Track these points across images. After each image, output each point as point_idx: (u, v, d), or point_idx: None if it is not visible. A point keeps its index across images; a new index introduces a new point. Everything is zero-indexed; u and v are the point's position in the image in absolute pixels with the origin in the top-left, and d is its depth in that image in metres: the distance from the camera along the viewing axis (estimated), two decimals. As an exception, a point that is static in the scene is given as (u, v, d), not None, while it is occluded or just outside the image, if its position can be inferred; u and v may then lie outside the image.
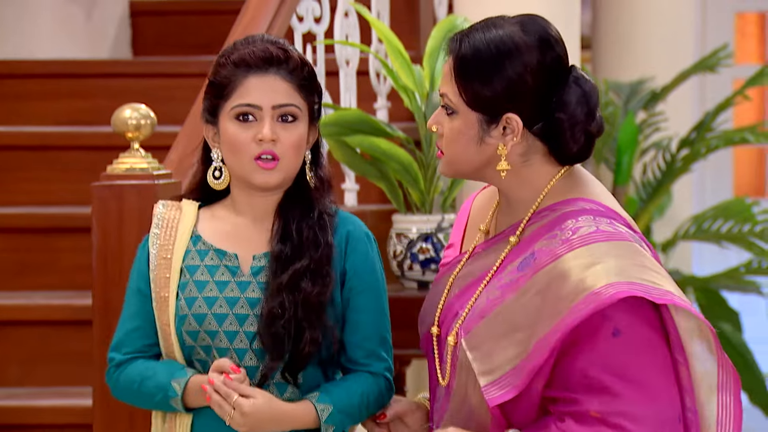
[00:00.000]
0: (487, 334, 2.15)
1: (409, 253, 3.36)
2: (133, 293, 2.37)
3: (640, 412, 2.09)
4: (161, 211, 2.38)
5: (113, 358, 2.37)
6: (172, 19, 5.09)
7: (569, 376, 2.11)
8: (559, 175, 2.21)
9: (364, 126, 3.31)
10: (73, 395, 3.48)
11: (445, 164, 2.23)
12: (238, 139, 2.30)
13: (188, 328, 2.32)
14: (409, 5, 4.26)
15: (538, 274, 2.13)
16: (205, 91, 2.37)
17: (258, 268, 2.34)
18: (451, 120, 2.19)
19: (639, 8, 5.55)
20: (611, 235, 2.14)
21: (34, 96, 4.41)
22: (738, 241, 4.90)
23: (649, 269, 2.12)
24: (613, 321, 2.10)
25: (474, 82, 2.16)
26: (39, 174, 4.12)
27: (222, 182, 2.35)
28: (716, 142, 4.93)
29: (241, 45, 2.35)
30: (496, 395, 2.12)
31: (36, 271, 3.86)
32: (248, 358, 2.31)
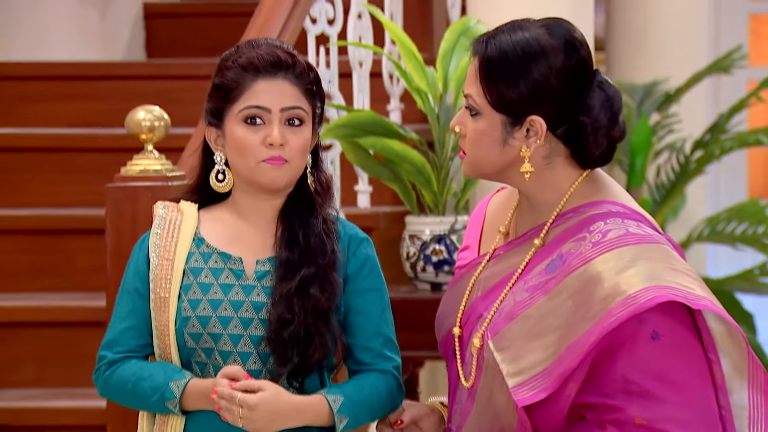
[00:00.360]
0: (515, 336, 2.15)
1: (423, 254, 3.36)
2: (128, 292, 2.37)
3: (686, 416, 2.09)
4: (162, 213, 2.38)
5: (104, 356, 2.36)
6: (186, 21, 5.10)
7: (608, 381, 2.10)
8: (581, 178, 2.21)
9: (377, 127, 3.31)
10: (87, 396, 3.48)
11: (468, 165, 2.23)
12: (246, 142, 2.31)
13: (191, 330, 2.32)
14: (423, 7, 4.26)
15: (569, 278, 2.13)
16: (210, 94, 2.37)
17: (263, 272, 2.34)
18: (475, 121, 2.20)
19: (652, 10, 5.54)
20: (642, 238, 2.14)
21: (48, 98, 4.42)
22: (752, 242, 4.89)
23: (681, 272, 2.12)
24: (650, 325, 2.10)
25: (499, 83, 2.16)
26: (52, 176, 4.13)
27: (226, 185, 2.36)
28: (730, 143, 4.91)
29: (246, 48, 2.35)
30: (526, 396, 2.11)
31: (49, 272, 3.87)
32: (252, 362, 2.31)
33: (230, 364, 2.31)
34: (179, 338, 2.33)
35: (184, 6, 5.23)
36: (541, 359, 2.11)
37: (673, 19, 5.52)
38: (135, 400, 2.33)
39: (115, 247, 2.84)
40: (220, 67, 2.35)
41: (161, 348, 2.34)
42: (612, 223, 2.15)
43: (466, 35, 3.36)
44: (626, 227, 2.15)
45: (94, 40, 4.99)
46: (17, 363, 3.66)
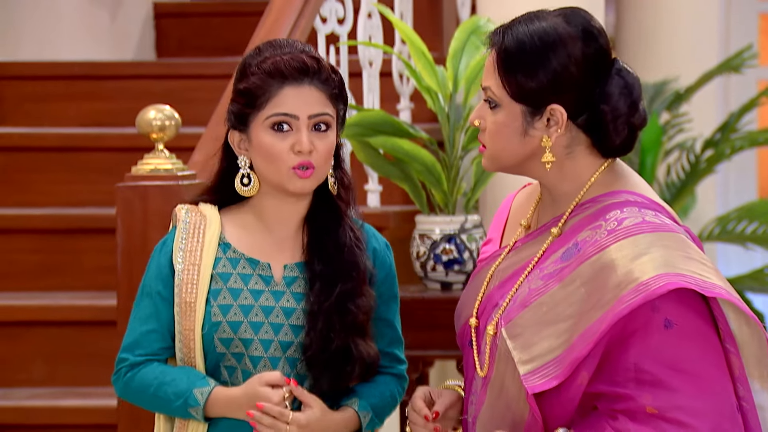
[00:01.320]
0: (528, 323, 2.14)
1: (433, 254, 3.35)
2: (149, 295, 2.36)
3: (699, 406, 2.07)
4: (185, 216, 2.37)
5: (126, 358, 2.35)
6: (196, 20, 5.10)
7: (619, 370, 2.09)
8: (602, 168, 2.20)
9: (387, 127, 3.31)
10: (98, 395, 3.49)
11: (488, 158, 2.22)
12: (275, 149, 2.30)
13: (222, 335, 2.31)
14: (432, 6, 4.26)
15: (583, 265, 2.12)
16: (234, 98, 2.35)
17: (291, 278, 2.34)
18: (495, 113, 2.19)
19: (663, 9, 5.53)
20: (658, 227, 2.13)
21: (57, 97, 4.42)
22: (762, 242, 4.87)
23: (696, 261, 2.11)
24: (663, 313, 2.08)
25: (518, 73, 2.16)
26: (62, 175, 4.13)
27: (252, 189, 2.35)
28: (741, 143, 4.90)
29: (270, 52, 2.33)
30: (537, 383, 2.10)
31: (59, 271, 3.87)
32: (281, 367, 2.32)
33: (260, 369, 2.31)
34: (207, 343, 2.32)
35: (194, 6, 5.23)
36: (553, 347, 2.11)
37: (683, 19, 5.51)
38: (156, 403, 2.33)
39: (125, 246, 2.85)
40: (244, 72, 2.34)
41: (184, 352, 2.33)
42: (628, 212, 2.15)
43: (476, 34, 3.35)
44: (643, 216, 2.14)
45: (104, 39, 4.99)
46: (27, 362, 3.66)
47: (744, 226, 4.93)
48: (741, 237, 4.92)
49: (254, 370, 2.31)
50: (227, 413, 2.29)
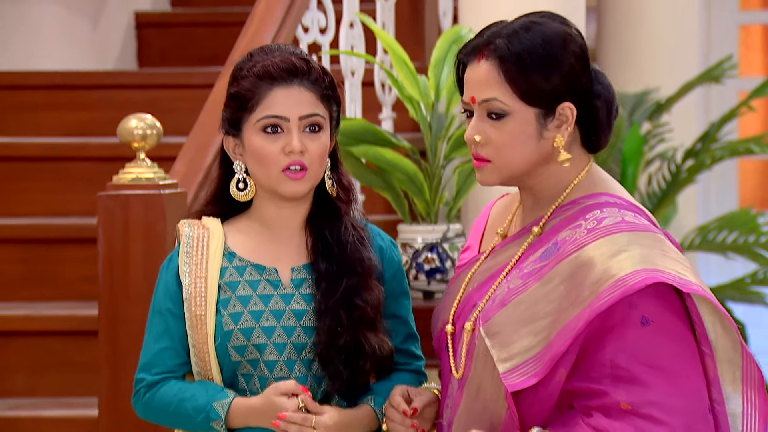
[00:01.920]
0: (506, 322, 2.15)
1: (415, 263, 3.36)
2: (159, 313, 2.35)
3: (672, 403, 2.08)
4: (188, 231, 2.36)
5: (143, 378, 2.35)
6: (178, 30, 5.10)
7: (595, 366, 2.10)
8: (586, 169, 2.23)
9: (369, 136, 3.32)
10: (79, 406, 3.48)
11: (494, 171, 2.20)
12: (266, 152, 2.31)
13: (235, 343, 2.32)
14: (414, 16, 4.27)
15: (562, 263, 2.14)
16: (226, 104, 2.36)
17: (299, 280, 2.35)
18: (503, 124, 2.18)
19: (643, 21, 5.56)
20: (636, 227, 2.15)
21: (40, 107, 4.42)
22: (743, 251, 4.89)
23: (674, 260, 2.12)
24: (640, 309, 2.09)
25: (532, 75, 2.16)
26: (44, 185, 4.12)
27: (248, 194, 2.35)
28: (721, 152, 4.92)
29: (260, 56, 2.34)
30: (516, 381, 2.11)
31: (41, 281, 3.86)
32: (297, 369, 2.33)
33: (277, 373, 2.32)
34: (221, 353, 2.32)
35: (176, 15, 5.23)
36: (531, 345, 2.11)
37: (663, 30, 5.53)
38: (178, 421, 2.33)
39: (106, 255, 2.84)
40: (235, 76, 2.35)
41: (200, 366, 2.33)
42: (608, 212, 2.17)
43: (458, 44, 3.36)
44: (622, 216, 2.16)
45: (86, 49, 4.99)
46: (9, 372, 3.65)
47: (725, 236, 4.95)
48: (722, 246, 4.94)
49: (271, 374, 2.32)
50: (249, 423, 2.30)
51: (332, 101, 2.36)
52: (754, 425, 2.14)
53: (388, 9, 3.95)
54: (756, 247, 4.85)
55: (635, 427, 2.07)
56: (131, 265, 2.81)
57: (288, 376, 2.32)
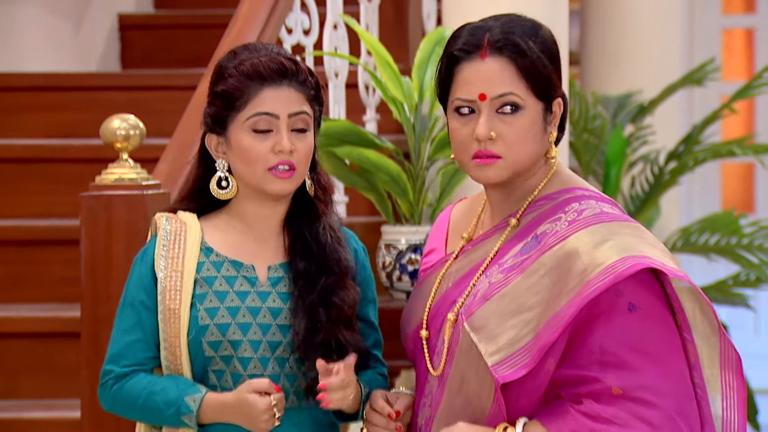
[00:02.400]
0: (491, 315, 2.17)
1: (398, 264, 3.36)
2: (131, 305, 2.35)
3: (662, 386, 2.11)
4: (165, 224, 2.36)
5: (111, 370, 2.34)
6: (161, 33, 5.09)
7: (584, 353, 2.12)
8: (556, 165, 2.27)
9: (352, 137, 3.32)
10: (61, 407, 3.47)
11: (505, 168, 2.22)
12: (255, 151, 2.31)
13: (210, 338, 2.32)
14: (398, 18, 4.28)
15: (545, 255, 2.16)
16: (211, 101, 2.36)
17: (276, 278, 2.36)
18: (515, 119, 2.21)
19: (626, 24, 5.58)
20: (616, 217, 2.19)
21: (23, 109, 4.40)
22: (725, 253, 4.91)
23: (655, 247, 2.16)
24: (626, 297, 2.13)
25: (548, 70, 2.20)
26: (27, 187, 4.11)
27: (230, 192, 2.35)
28: (704, 155, 4.94)
29: (245, 54, 2.34)
30: (507, 373, 2.12)
31: (24, 283, 3.85)
32: (271, 367, 2.33)
33: (251, 370, 2.32)
34: (193, 348, 2.32)
35: (159, 18, 5.22)
36: (519, 336, 2.13)
37: (646, 33, 5.55)
38: (146, 414, 2.33)
39: (89, 256, 2.83)
40: (221, 74, 2.34)
41: (170, 360, 2.33)
42: (586, 204, 2.20)
43: (442, 45, 3.36)
44: (601, 207, 2.20)
45: (69, 52, 4.97)
46: (-10, 374, 3.64)
47: (707, 238, 4.97)
48: (704, 248, 4.95)
49: (244, 371, 2.32)
50: (220, 418, 2.29)
51: (317, 102, 2.37)
52: (733, 407, 2.17)
53: (372, 11, 3.95)
54: (738, 248, 4.87)
55: (628, 411, 2.09)
56: (114, 265, 2.80)
57: (262, 374, 2.32)
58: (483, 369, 2.16)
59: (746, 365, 6.08)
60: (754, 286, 4.93)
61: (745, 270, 4.91)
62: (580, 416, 2.11)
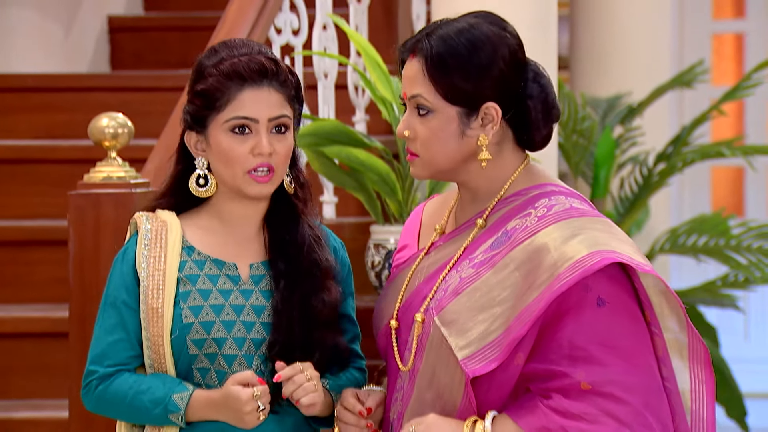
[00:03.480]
0: (462, 310, 2.17)
1: (387, 263, 3.36)
2: (113, 305, 2.34)
3: (631, 381, 2.11)
4: (146, 224, 2.35)
5: (95, 371, 2.33)
6: (151, 35, 5.09)
7: (553, 347, 2.12)
8: (523, 164, 2.27)
9: (341, 136, 3.32)
10: (49, 407, 3.46)
11: (422, 166, 2.24)
12: (234, 152, 2.30)
13: (194, 336, 2.31)
14: (388, 20, 4.28)
15: (515, 250, 2.16)
16: (191, 100, 2.34)
17: (258, 276, 2.35)
18: (428, 120, 2.22)
19: (615, 27, 5.59)
20: (585, 212, 2.19)
21: (12, 109, 4.40)
22: (714, 254, 4.92)
23: (624, 243, 2.17)
24: (595, 291, 2.13)
25: (452, 76, 2.19)
26: (15, 187, 4.11)
27: (208, 190, 2.34)
28: (692, 156, 4.95)
29: (225, 52, 2.32)
30: (477, 367, 2.13)
31: (12, 284, 3.84)
32: (255, 365, 2.33)
33: (236, 367, 2.31)
34: (177, 346, 2.31)
35: (149, 20, 5.22)
36: (489, 330, 2.13)
37: (635, 35, 5.56)
38: (133, 414, 2.31)
39: (77, 254, 2.83)
40: (200, 73, 2.32)
41: (153, 359, 2.32)
42: (556, 200, 2.21)
43: (431, 45, 3.36)
44: (570, 203, 2.21)
45: (59, 54, 4.97)
46: (-21, 374, 3.63)
47: (695, 239, 4.98)
48: (693, 249, 4.96)
49: (229, 368, 2.32)
50: (207, 416, 2.29)
51: (297, 101, 2.36)
52: (702, 400, 2.18)
53: (361, 12, 3.95)
54: (727, 249, 4.88)
55: (596, 407, 2.10)
56: (102, 263, 2.80)
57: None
58: (453, 363, 2.16)
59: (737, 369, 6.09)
60: (743, 287, 4.93)
61: (734, 271, 4.91)
62: (549, 411, 2.11)
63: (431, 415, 2.18)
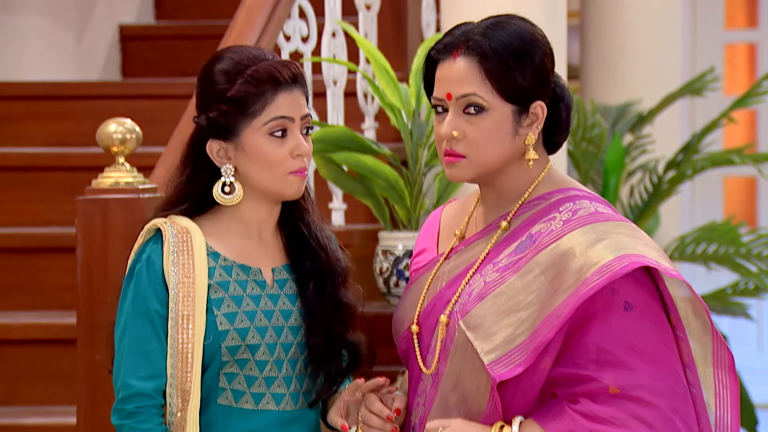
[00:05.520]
0: (487, 314, 2.17)
1: (396, 269, 3.36)
2: (144, 315, 2.30)
3: (658, 385, 2.11)
4: (171, 231, 2.32)
5: (131, 385, 2.28)
6: (162, 43, 5.11)
7: (581, 352, 2.12)
8: (547, 168, 2.27)
9: (350, 143, 3.32)
10: (58, 414, 3.46)
11: (470, 167, 2.22)
12: (275, 156, 2.32)
13: (230, 343, 2.31)
14: (397, 27, 4.28)
15: (540, 254, 2.16)
16: (216, 106, 2.32)
17: (282, 280, 2.37)
18: (480, 120, 2.21)
19: (626, 35, 5.58)
20: (610, 216, 2.19)
21: (23, 117, 4.41)
22: (723, 262, 4.90)
23: (649, 246, 2.17)
24: (622, 295, 2.13)
25: (514, 73, 2.19)
26: (26, 195, 4.11)
27: (235, 197, 2.34)
28: (702, 163, 4.94)
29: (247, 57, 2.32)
30: (503, 371, 2.12)
31: (21, 291, 3.85)
32: (285, 369, 2.34)
33: (267, 373, 2.32)
34: (209, 353, 2.30)
35: (160, 29, 5.24)
36: (515, 335, 2.13)
37: (646, 44, 5.56)
38: None
39: (85, 260, 2.83)
40: (222, 79, 2.31)
41: (177, 367, 2.28)
42: (581, 204, 2.21)
43: (439, 51, 3.36)
44: (595, 207, 2.20)
45: (70, 63, 4.99)
46: (-12, 381, 3.64)
47: (705, 247, 4.96)
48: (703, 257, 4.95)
49: (261, 373, 2.33)
50: None
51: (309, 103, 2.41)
52: (727, 405, 2.17)
53: (371, 20, 3.95)
54: (737, 257, 4.86)
55: (625, 411, 2.09)
56: (110, 269, 2.80)
57: (276, 377, 2.33)
58: (479, 367, 2.16)
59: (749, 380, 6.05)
60: (753, 295, 4.92)
61: (744, 279, 4.89)
62: (577, 416, 2.10)
63: (458, 419, 2.17)
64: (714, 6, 7.79)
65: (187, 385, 2.29)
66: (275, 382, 2.34)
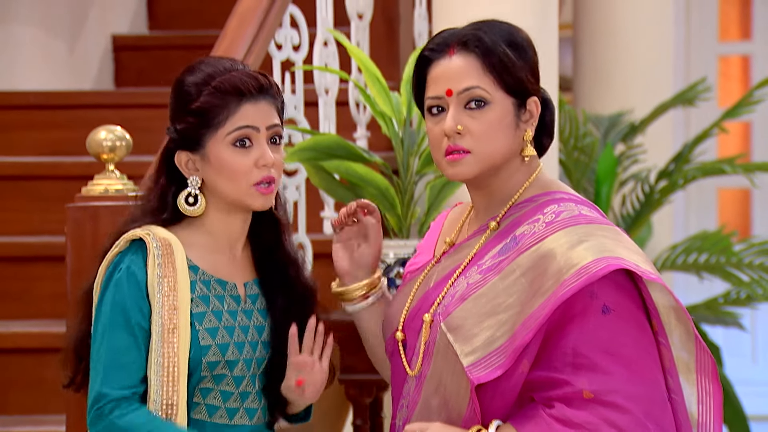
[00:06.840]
0: (468, 316, 2.17)
1: (386, 278, 3.35)
2: (125, 326, 2.27)
3: (634, 390, 2.10)
4: (154, 243, 2.31)
5: (106, 393, 2.24)
6: (155, 53, 5.11)
7: (557, 355, 2.11)
8: (538, 170, 2.27)
9: (341, 151, 3.31)
10: (48, 422, 3.46)
11: (475, 162, 2.22)
12: (237, 166, 2.30)
13: (210, 358, 2.30)
14: (390, 38, 4.29)
15: (522, 256, 2.16)
16: (182, 118, 2.34)
17: (254, 295, 2.36)
18: (483, 113, 2.21)
19: (619, 46, 5.60)
20: (593, 219, 2.19)
21: (16, 126, 4.41)
22: (715, 271, 4.90)
23: (632, 251, 2.16)
24: (601, 298, 2.12)
25: (513, 65, 2.21)
26: (18, 204, 4.11)
27: (198, 209, 2.33)
28: (694, 173, 4.95)
29: (212, 69, 2.32)
30: (481, 374, 2.12)
31: (12, 299, 3.84)
32: (258, 384, 2.34)
33: (243, 388, 2.32)
34: (191, 367, 2.28)
35: (153, 38, 5.25)
36: (495, 337, 2.12)
37: (639, 55, 5.57)
38: None
39: (75, 268, 2.82)
40: (190, 91, 2.33)
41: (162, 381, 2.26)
42: (565, 206, 2.21)
43: (430, 60, 3.36)
44: (579, 210, 2.20)
45: (64, 71, 4.99)
46: (-22, 390, 3.63)
47: (696, 257, 4.97)
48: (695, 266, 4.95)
49: (237, 389, 2.32)
50: None
51: (281, 115, 2.39)
52: (710, 412, 2.16)
53: (363, 29, 3.96)
54: (728, 266, 4.87)
55: (599, 416, 2.08)
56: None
57: (251, 392, 2.33)
58: (459, 370, 2.15)
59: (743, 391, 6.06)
60: (745, 304, 4.92)
61: (736, 288, 4.90)
62: (551, 421, 2.10)
63: (437, 423, 2.17)
64: (708, 18, 7.82)
65: (172, 399, 2.26)
66: (249, 397, 2.33)
